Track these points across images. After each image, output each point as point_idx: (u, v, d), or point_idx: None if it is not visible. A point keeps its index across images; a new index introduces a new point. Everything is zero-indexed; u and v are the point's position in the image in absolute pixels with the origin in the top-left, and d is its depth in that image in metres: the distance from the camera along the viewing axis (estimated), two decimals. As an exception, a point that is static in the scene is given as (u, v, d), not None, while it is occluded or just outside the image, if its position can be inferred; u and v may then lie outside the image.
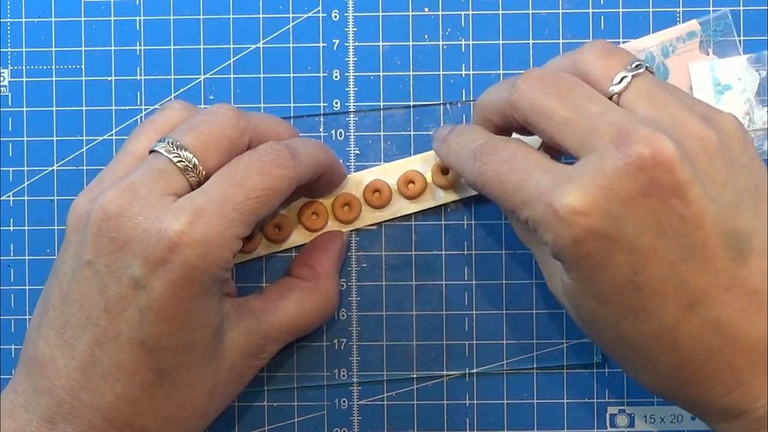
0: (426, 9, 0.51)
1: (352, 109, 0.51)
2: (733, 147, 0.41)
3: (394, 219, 0.50)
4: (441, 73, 0.51)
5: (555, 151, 0.44)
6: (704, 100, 0.44)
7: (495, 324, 0.50)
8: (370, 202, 0.50)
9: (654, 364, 0.41)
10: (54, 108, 0.51)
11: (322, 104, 0.51)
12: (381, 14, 0.51)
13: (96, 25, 0.51)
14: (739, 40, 0.50)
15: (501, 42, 0.51)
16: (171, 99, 0.51)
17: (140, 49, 0.51)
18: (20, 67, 0.51)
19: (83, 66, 0.51)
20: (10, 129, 0.51)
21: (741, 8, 0.50)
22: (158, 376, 0.42)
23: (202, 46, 0.51)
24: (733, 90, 0.50)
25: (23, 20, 0.51)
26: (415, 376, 0.50)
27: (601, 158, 0.39)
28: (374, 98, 0.51)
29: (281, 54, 0.51)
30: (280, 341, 0.47)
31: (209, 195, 0.41)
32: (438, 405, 0.50)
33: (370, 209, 0.50)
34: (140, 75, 0.51)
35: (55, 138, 0.51)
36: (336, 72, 0.51)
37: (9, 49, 0.51)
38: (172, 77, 0.51)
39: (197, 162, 0.42)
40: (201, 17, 0.51)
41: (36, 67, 0.51)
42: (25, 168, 0.51)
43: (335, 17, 0.51)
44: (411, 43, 0.51)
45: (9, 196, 0.51)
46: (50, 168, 0.51)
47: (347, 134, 0.51)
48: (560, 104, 0.41)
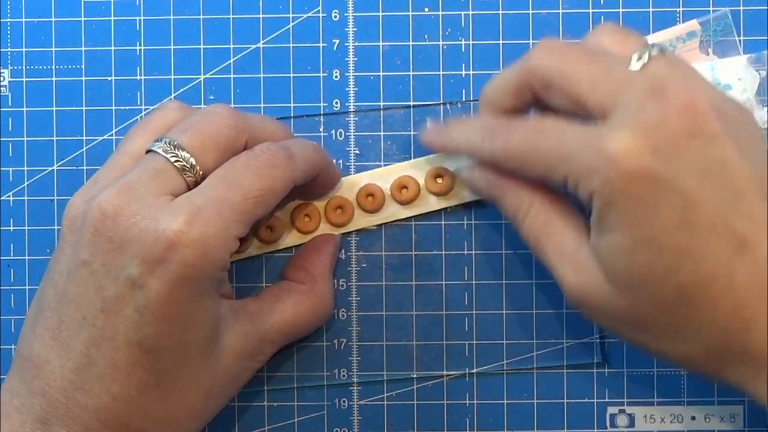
0: (426, 9, 0.51)
1: (352, 109, 0.51)
2: (751, 121, 0.42)
3: (388, 223, 0.50)
4: (441, 73, 0.51)
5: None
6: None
7: (495, 324, 0.50)
8: (363, 206, 0.50)
9: (712, 314, 0.40)
10: (54, 108, 0.51)
11: (322, 104, 0.51)
12: (381, 14, 0.51)
13: (96, 25, 0.51)
14: (739, 40, 0.50)
15: (501, 42, 0.51)
16: (170, 99, 0.51)
17: (140, 49, 0.51)
18: (20, 67, 0.51)
19: (83, 66, 0.51)
20: (10, 129, 0.51)
21: (741, 8, 0.50)
22: (154, 377, 0.42)
23: (202, 46, 0.51)
24: (733, 90, 0.50)
25: (23, 20, 0.51)
26: (415, 376, 0.50)
27: (640, 108, 0.39)
28: (374, 98, 0.51)
29: (281, 54, 0.51)
30: (277, 343, 0.47)
31: (207, 195, 0.41)
32: (438, 405, 0.50)
33: (363, 213, 0.50)
34: (140, 75, 0.51)
35: (55, 138, 0.51)
36: (336, 72, 0.51)
37: (9, 49, 0.51)
38: (172, 77, 0.51)
39: (195, 162, 0.42)
40: (201, 17, 0.51)
41: (36, 67, 0.51)
42: (25, 168, 0.51)
43: (335, 17, 0.51)
44: (411, 43, 0.51)
45: (9, 196, 0.51)
46: (50, 168, 0.51)
47: (347, 134, 0.51)
48: (586, 66, 0.41)
